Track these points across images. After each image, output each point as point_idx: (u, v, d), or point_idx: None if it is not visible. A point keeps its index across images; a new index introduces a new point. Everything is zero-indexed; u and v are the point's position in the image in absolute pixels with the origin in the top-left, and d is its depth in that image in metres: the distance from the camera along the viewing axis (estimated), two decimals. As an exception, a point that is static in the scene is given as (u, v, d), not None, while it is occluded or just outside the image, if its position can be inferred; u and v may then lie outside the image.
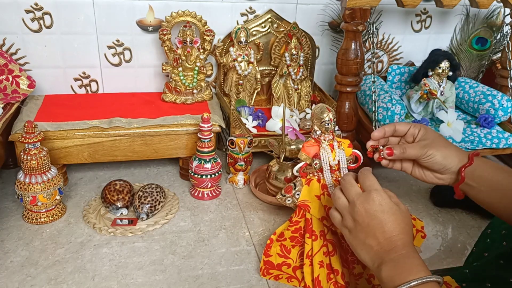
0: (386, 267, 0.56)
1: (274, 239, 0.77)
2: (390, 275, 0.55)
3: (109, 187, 0.89)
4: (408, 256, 0.56)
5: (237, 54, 1.11)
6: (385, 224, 0.58)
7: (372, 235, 0.59)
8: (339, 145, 0.78)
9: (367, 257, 0.60)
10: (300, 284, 0.74)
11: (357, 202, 0.61)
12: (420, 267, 0.54)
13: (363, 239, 0.60)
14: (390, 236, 0.58)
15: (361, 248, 0.60)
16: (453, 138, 1.05)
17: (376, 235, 0.58)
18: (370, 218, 0.59)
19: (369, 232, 0.59)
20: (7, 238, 0.81)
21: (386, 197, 0.61)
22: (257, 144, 1.04)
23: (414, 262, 0.55)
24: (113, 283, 0.72)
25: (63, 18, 1.06)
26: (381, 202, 0.60)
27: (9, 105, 0.98)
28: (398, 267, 0.55)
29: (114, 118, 0.97)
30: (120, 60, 1.14)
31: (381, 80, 1.17)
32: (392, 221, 0.58)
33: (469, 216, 0.95)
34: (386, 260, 0.56)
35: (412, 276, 0.53)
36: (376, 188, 0.62)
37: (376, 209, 0.59)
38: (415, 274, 0.53)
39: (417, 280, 0.52)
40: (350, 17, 0.95)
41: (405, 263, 0.55)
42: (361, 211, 0.60)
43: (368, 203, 0.60)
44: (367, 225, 0.59)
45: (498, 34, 1.27)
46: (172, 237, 0.83)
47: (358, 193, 0.62)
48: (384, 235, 0.58)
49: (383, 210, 0.59)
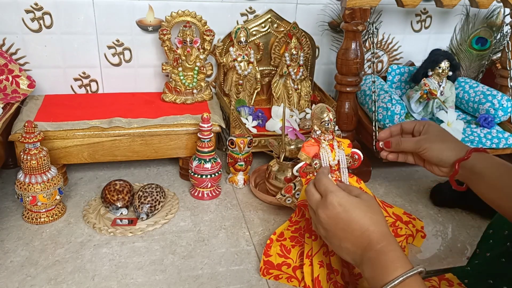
0: (366, 268, 0.55)
1: (274, 239, 0.77)
2: (371, 276, 0.54)
3: (109, 187, 0.89)
4: (383, 252, 0.54)
5: (237, 54, 1.11)
6: (351, 222, 0.57)
7: (344, 238, 0.58)
8: (339, 145, 0.78)
9: (349, 258, 0.59)
10: (300, 284, 0.74)
11: (319, 211, 0.60)
12: (397, 262, 0.52)
13: (338, 244, 0.59)
14: (361, 233, 0.56)
15: (341, 251, 0.60)
16: (453, 138, 1.05)
17: (347, 236, 0.57)
18: (335, 222, 0.58)
19: (340, 236, 0.58)
20: (7, 238, 0.81)
21: (344, 195, 0.59)
22: (257, 144, 1.04)
23: (390, 258, 0.53)
24: (113, 283, 0.72)
25: (63, 18, 1.06)
26: (340, 202, 0.58)
27: (9, 105, 0.98)
28: (376, 267, 0.53)
29: (114, 118, 0.97)
30: (120, 60, 1.14)
31: (381, 80, 1.17)
32: (357, 216, 0.57)
33: (469, 216, 0.95)
34: (365, 260, 0.55)
35: (391, 276, 0.51)
36: (331, 190, 0.60)
37: (338, 211, 0.58)
38: (393, 272, 0.51)
39: (396, 279, 0.50)
40: (350, 17, 0.95)
41: (382, 261, 0.53)
42: (325, 218, 0.59)
43: (328, 209, 0.59)
44: (335, 230, 0.58)
45: (498, 34, 1.27)
46: (172, 237, 0.83)
47: (317, 201, 0.62)
48: (355, 234, 0.57)
49: (345, 210, 0.58)
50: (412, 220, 0.86)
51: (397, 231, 0.81)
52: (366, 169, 1.05)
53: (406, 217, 0.86)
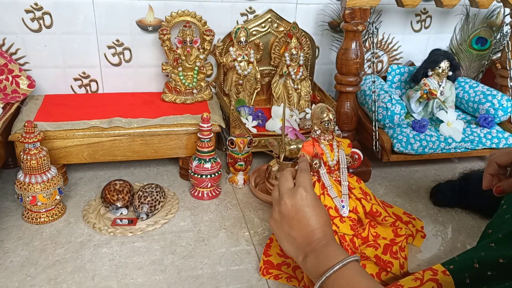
0: (310, 258, 0.60)
1: (274, 238, 0.77)
2: (314, 265, 0.59)
3: (109, 187, 0.89)
4: (327, 245, 0.61)
5: (237, 54, 1.11)
6: (309, 217, 0.63)
7: (296, 228, 0.63)
8: (338, 145, 0.78)
9: (291, 248, 0.64)
10: (300, 283, 0.74)
11: (285, 196, 0.66)
12: (339, 251, 0.59)
13: (288, 231, 0.64)
14: (312, 229, 0.62)
15: (286, 239, 0.65)
16: (453, 138, 1.05)
17: (300, 228, 0.63)
18: (295, 211, 0.64)
19: (294, 224, 0.64)
20: (7, 238, 0.81)
21: (312, 194, 0.65)
22: (257, 144, 1.04)
23: (333, 249, 0.60)
24: (113, 283, 0.72)
25: (63, 18, 1.06)
26: (306, 197, 0.64)
27: (9, 105, 0.98)
28: (320, 256, 0.60)
29: (114, 118, 0.97)
30: (120, 60, 1.14)
31: (381, 80, 1.17)
32: (315, 215, 0.63)
33: (469, 216, 0.95)
34: (309, 251, 0.61)
35: (333, 262, 0.57)
36: (304, 186, 0.66)
37: (302, 204, 0.64)
38: (335, 259, 0.58)
39: (338, 264, 0.56)
40: (350, 17, 0.95)
41: (326, 251, 0.60)
42: (288, 204, 0.65)
43: (295, 198, 0.64)
44: (292, 218, 0.64)
45: (498, 34, 1.27)
46: (172, 237, 0.83)
47: (288, 188, 0.67)
48: (307, 228, 0.62)
49: (308, 205, 0.64)
50: (412, 220, 0.86)
51: (397, 231, 0.81)
52: (366, 169, 1.05)
53: (406, 217, 0.86)
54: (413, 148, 1.02)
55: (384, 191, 1.03)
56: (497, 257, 0.62)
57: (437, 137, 1.05)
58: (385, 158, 1.03)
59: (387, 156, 1.03)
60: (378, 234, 0.80)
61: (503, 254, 0.62)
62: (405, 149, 1.02)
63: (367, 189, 0.81)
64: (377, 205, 0.79)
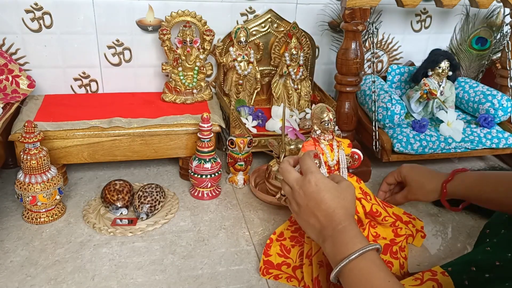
0: (328, 244, 0.60)
1: (274, 238, 0.77)
2: (332, 251, 0.60)
3: (109, 187, 0.89)
4: (344, 230, 0.60)
5: (237, 54, 1.11)
6: (321, 202, 0.62)
7: (313, 215, 0.63)
8: (338, 145, 0.78)
9: (313, 235, 0.65)
10: (300, 283, 0.74)
11: (296, 186, 0.66)
12: (356, 239, 0.58)
13: (307, 220, 0.65)
14: (327, 213, 0.62)
15: (307, 227, 0.65)
16: (453, 138, 1.05)
17: (316, 214, 0.63)
18: (308, 199, 0.64)
19: (310, 212, 0.64)
20: (7, 238, 0.81)
21: (322, 177, 0.65)
22: (257, 144, 1.04)
23: (350, 236, 0.59)
24: (113, 283, 0.72)
25: (63, 18, 1.06)
26: (317, 182, 0.64)
27: (9, 105, 0.98)
28: (337, 242, 0.59)
29: (114, 118, 0.97)
30: (120, 60, 1.14)
31: (381, 80, 1.17)
32: (328, 198, 0.62)
33: (469, 216, 0.95)
34: (326, 237, 0.61)
35: (351, 250, 0.57)
36: (312, 171, 0.65)
37: (313, 190, 0.63)
38: (351, 247, 0.57)
39: (356, 252, 0.56)
40: (350, 17, 0.95)
41: (343, 238, 0.59)
42: (301, 194, 0.65)
43: (305, 186, 0.64)
44: (307, 206, 0.64)
45: (498, 34, 1.27)
46: (172, 237, 0.83)
47: (296, 178, 0.67)
48: (322, 213, 0.62)
49: (319, 190, 0.63)
50: (412, 220, 0.86)
51: (397, 231, 0.81)
52: (366, 169, 1.05)
53: (406, 217, 0.86)
54: (413, 148, 1.02)
55: (384, 191, 1.03)
56: (493, 260, 0.63)
57: (437, 137, 1.05)
58: (385, 158, 1.03)
59: (387, 156, 1.03)
60: (378, 234, 0.80)
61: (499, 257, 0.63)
62: (405, 149, 1.02)
63: (367, 189, 0.81)
64: (377, 205, 0.79)
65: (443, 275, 0.65)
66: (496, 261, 0.62)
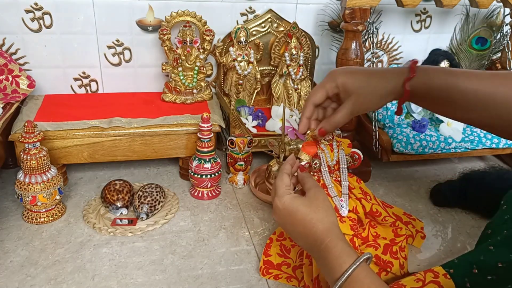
0: (319, 264, 0.59)
1: (274, 238, 0.77)
2: (325, 272, 0.57)
3: (108, 187, 0.89)
4: (328, 249, 0.56)
5: (237, 54, 1.11)
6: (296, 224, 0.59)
7: (295, 237, 0.61)
8: (338, 145, 0.78)
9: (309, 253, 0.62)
10: (300, 283, 0.74)
11: (272, 212, 0.64)
12: (342, 257, 0.54)
13: (296, 241, 0.63)
14: (306, 233, 0.59)
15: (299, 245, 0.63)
16: (453, 138, 1.05)
17: (297, 236, 0.61)
18: (283, 224, 0.62)
19: (292, 235, 0.62)
20: (7, 238, 0.81)
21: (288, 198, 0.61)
22: (257, 144, 1.04)
23: (335, 255, 0.55)
24: (113, 283, 0.72)
25: (63, 18, 1.06)
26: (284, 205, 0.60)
27: (9, 105, 0.98)
28: (326, 265, 0.56)
29: (114, 118, 0.97)
30: (120, 60, 1.14)
31: (381, 80, 1.17)
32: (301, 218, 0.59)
33: (469, 216, 0.95)
34: (316, 258, 0.59)
35: (338, 273, 0.53)
36: (277, 194, 0.62)
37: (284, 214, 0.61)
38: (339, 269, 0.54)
39: (344, 275, 0.53)
40: (350, 17, 0.95)
41: (329, 259, 0.55)
42: (276, 220, 0.63)
43: (276, 213, 0.62)
44: (287, 229, 0.62)
45: (498, 34, 1.27)
46: (172, 237, 0.83)
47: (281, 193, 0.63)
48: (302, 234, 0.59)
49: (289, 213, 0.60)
50: (412, 221, 0.86)
51: (397, 231, 0.81)
52: (366, 169, 1.05)
53: (406, 217, 0.86)
54: (413, 148, 1.02)
55: (384, 191, 1.03)
56: (495, 261, 0.62)
57: (437, 137, 1.05)
58: (385, 158, 1.03)
59: (387, 156, 1.03)
60: (378, 234, 0.80)
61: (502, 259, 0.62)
62: (405, 149, 1.02)
63: (367, 189, 0.81)
64: (377, 205, 0.79)
65: (445, 278, 0.65)
66: (498, 263, 0.62)
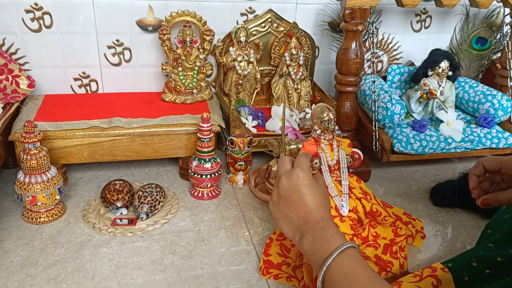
0: (306, 240, 0.60)
1: (274, 238, 0.77)
2: (311, 248, 0.59)
3: (108, 187, 0.89)
4: (324, 228, 0.60)
5: (237, 54, 1.11)
6: (304, 198, 0.62)
7: (293, 208, 0.63)
8: (338, 145, 0.78)
9: (289, 229, 0.63)
10: (300, 283, 0.74)
11: (282, 177, 0.65)
12: (336, 236, 0.58)
13: (285, 212, 0.64)
14: (309, 209, 0.62)
15: (284, 220, 0.64)
16: (453, 138, 1.05)
17: (297, 208, 0.62)
18: (292, 192, 0.63)
19: (290, 205, 0.63)
20: (7, 238, 0.81)
21: (309, 176, 0.64)
22: (257, 144, 1.04)
23: (330, 234, 0.59)
24: (113, 283, 0.72)
25: (63, 18, 1.06)
26: (303, 177, 0.63)
27: (9, 105, 0.98)
28: (317, 240, 0.59)
29: (114, 118, 0.97)
30: (120, 60, 1.14)
31: (380, 80, 1.17)
32: (312, 195, 0.62)
33: (469, 216, 0.95)
34: (305, 233, 0.60)
35: (331, 247, 0.56)
36: (302, 168, 0.65)
37: (298, 184, 0.63)
38: (333, 244, 0.56)
39: (336, 250, 0.55)
40: (350, 17, 0.95)
41: (323, 236, 0.59)
42: (285, 185, 0.64)
43: (291, 178, 0.64)
44: (289, 198, 0.63)
45: (498, 34, 1.27)
46: (172, 237, 0.83)
47: (286, 169, 0.66)
48: (304, 208, 0.62)
49: (304, 185, 0.63)
50: (412, 221, 0.86)
51: (397, 231, 0.81)
52: (366, 169, 1.05)
53: (406, 217, 0.86)
54: (413, 148, 1.02)
55: (384, 191, 1.03)
56: (494, 255, 0.63)
57: (437, 137, 1.05)
58: (385, 158, 1.03)
59: (387, 156, 1.03)
60: (378, 234, 0.80)
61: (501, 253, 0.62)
62: (405, 149, 1.02)
63: (367, 189, 0.81)
64: (377, 205, 0.79)
65: (442, 271, 0.65)
66: (497, 257, 0.62)
